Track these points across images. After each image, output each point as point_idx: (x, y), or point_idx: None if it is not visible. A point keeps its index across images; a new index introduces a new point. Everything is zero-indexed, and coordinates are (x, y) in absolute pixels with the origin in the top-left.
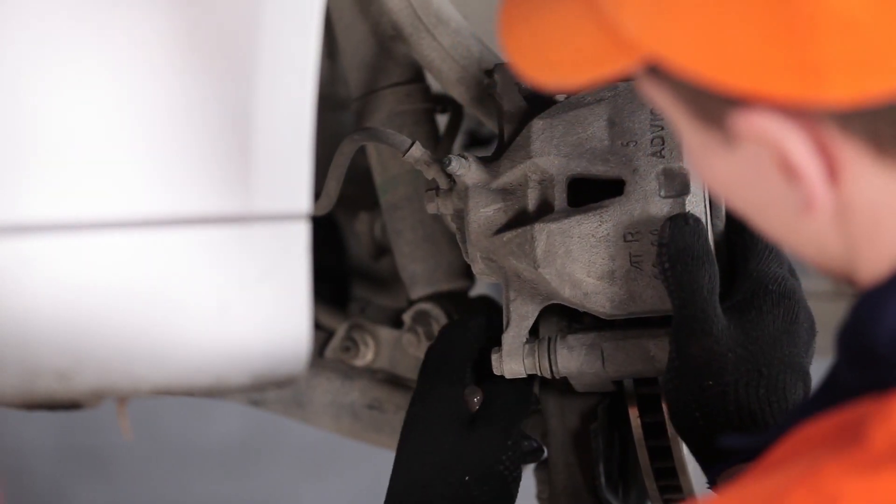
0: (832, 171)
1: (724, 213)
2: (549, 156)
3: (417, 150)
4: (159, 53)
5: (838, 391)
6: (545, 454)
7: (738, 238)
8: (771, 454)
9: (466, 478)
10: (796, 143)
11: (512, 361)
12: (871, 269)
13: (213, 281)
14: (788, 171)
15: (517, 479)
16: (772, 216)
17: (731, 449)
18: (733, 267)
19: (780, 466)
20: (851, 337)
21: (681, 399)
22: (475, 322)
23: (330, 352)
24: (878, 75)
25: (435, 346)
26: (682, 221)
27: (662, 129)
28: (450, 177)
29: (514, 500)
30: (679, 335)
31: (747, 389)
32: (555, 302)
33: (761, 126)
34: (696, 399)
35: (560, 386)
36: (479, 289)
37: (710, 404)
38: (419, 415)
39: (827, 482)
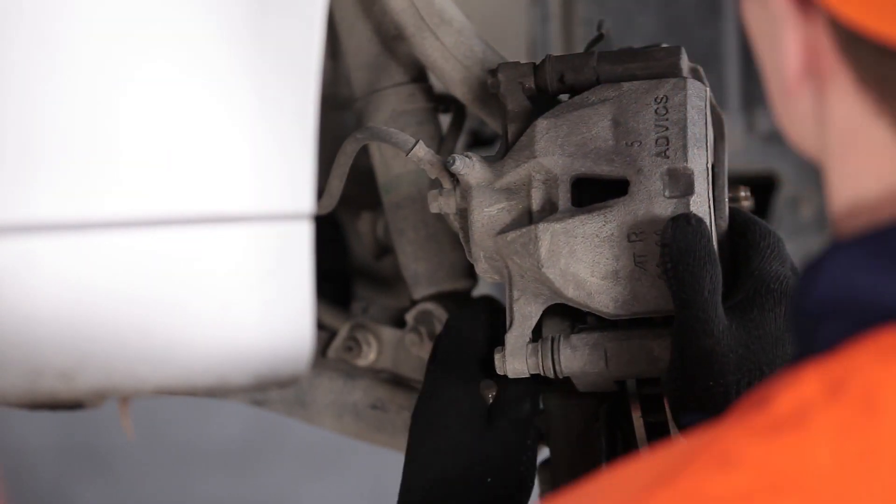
0: (812, 75)
1: (727, 213)
2: (553, 155)
3: (421, 150)
4: (160, 53)
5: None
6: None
7: (741, 237)
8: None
9: (489, 479)
10: (795, 32)
11: (515, 361)
12: (835, 194)
13: (216, 280)
14: (779, 51)
15: (533, 480)
16: (772, 80)
17: (692, 427)
18: (736, 266)
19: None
20: (793, 306)
21: (683, 399)
22: (483, 315)
23: (332, 352)
24: (884, 15)
25: (445, 337)
26: (684, 222)
27: (667, 129)
28: (453, 176)
29: (527, 502)
30: (680, 336)
31: (749, 389)
32: (558, 302)
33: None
34: (698, 399)
35: (562, 386)
36: (482, 289)
37: (712, 404)
38: (435, 409)
39: (728, 446)
